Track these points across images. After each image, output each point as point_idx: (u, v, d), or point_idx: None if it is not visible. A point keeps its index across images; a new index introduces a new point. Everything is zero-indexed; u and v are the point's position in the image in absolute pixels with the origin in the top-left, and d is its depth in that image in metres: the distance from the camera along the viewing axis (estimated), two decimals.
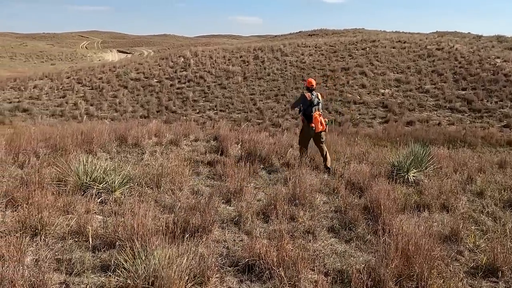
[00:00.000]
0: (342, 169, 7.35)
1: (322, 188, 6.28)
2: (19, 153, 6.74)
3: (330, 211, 5.39)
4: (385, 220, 4.72)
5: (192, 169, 6.75)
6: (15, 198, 4.61)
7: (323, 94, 20.65)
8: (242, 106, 23.76)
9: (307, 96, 7.44)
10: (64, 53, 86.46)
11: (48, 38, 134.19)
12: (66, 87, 27.78)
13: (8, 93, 26.97)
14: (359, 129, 19.64)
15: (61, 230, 4.05)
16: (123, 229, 3.97)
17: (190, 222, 4.23)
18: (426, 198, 5.87)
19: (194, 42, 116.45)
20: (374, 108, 22.60)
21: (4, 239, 3.66)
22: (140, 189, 5.52)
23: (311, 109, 7.40)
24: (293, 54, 31.42)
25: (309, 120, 7.45)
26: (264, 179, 6.72)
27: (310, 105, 7.41)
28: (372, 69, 27.47)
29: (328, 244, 4.41)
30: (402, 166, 7.00)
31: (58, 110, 23.83)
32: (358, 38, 36.38)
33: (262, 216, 4.99)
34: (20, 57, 75.77)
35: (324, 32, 64.25)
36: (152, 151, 7.76)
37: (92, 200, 4.83)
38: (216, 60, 30.75)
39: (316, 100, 7.46)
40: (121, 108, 24.07)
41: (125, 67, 31.31)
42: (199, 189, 5.90)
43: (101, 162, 5.97)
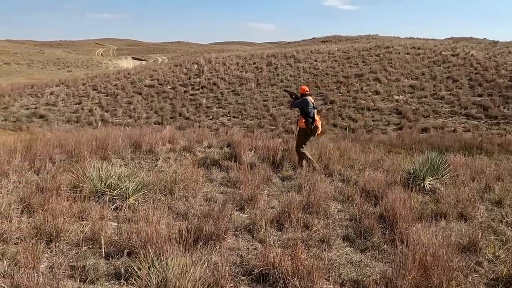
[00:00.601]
0: (356, 177, 7.27)
1: (336, 195, 6.21)
2: (35, 159, 6.81)
3: (345, 219, 5.32)
4: (402, 229, 4.64)
5: (205, 175, 6.74)
6: (31, 204, 4.65)
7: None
8: (255, 112, 23.77)
9: (309, 99, 7.81)
10: (80, 60, 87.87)
11: (65, 45, 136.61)
12: (82, 93, 28.16)
13: (25, 99, 27.46)
14: (373, 136, 19.46)
15: (76, 237, 4.07)
16: (137, 236, 3.97)
17: (203, 230, 4.21)
18: (443, 207, 5.76)
19: (208, 49, 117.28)
20: (388, 114, 22.39)
21: (20, 245, 3.69)
22: (154, 195, 5.53)
23: (313, 112, 7.81)
24: (306, 61, 31.39)
25: (312, 121, 7.79)
26: (277, 186, 6.68)
27: (313, 108, 7.83)
28: (386, 75, 27.27)
29: (343, 253, 4.34)
30: (418, 173, 6.89)
31: (73, 116, 24.16)
32: (372, 45, 36.22)
33: (276, 224, 4.94)
34: (37, 64, 77.22)
35: (338, 39, 64.15)
36: (166, 157, 7.78)
37: (106, 207, 4.85)
38: (229, 67, 30.88)
39: (314, 103, 7.94)
40: (135, 115, 24.29)
41: (139, 74, 31.64)
42: (213, 196, 5.89)
43: (116, 169, 6.01)
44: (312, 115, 7.79)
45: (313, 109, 7.83)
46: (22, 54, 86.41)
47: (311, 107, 7.79)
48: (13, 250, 3.68)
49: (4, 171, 5.92)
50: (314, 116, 7.81)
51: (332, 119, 22.31)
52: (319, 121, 7.89)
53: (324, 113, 22.93)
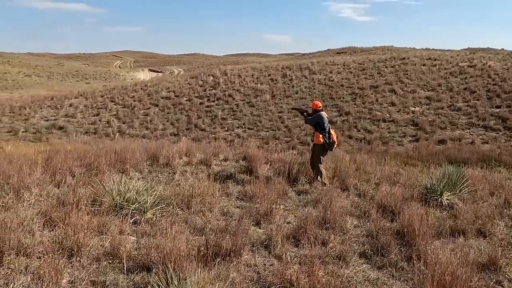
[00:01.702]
0: (373, 191, 7.23)
1: (352, 210, 6.19)
2: (55, 172, 6.96)
3: (361, 235, 5.30)
4: (419, 246, 4.60)
5: (222, 189, 6.80)
6: (52, 218, 4.76)
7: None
8: (270, 124, 23.84)
9: (323, 115, 7.90)
10: (98, 72, 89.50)
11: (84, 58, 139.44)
12: (100, 105, 28.67)
13: (45, 111, 28.05)
14: (389, 148, 19.31)
15: (96, 251, 4.15)
16: (156, 251, 4.02)
17: (221, 246, 4.24)
18: (461, 223, 5.68)
19: (223, 60, 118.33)
20: (404, 126, 22.22)
21: (43, 259, 3.78)
22: (171, 210, 5.60)
23: (328, 127, 7.88)
24: (321, 72, 31.43)
25: (329, 137, 7.81)
26: (293, 201, 6.69)
27: (329, 122, 7.94)
28: (401, 86, 27.11)
29: (360, 270, 4.33)
30: (435, 188, 6.83)
31: (92, 128, 24.58)
32: (387, 56, 36.10)
33: (292, 240, 4.95)
34: (57, 76, 78.91)
35: (353, 50, 64.08)
36: (183, 170, 7.87)
37: (125, 221, 4.93)
38: (244, 79, 31.10)
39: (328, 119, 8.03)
40: (151, 126, 24.60)
41: (156, 86, 32.07)
42: (229, 210, 5.93)
43: (134, 183, 6.11)
44: (328, 130, 7.83)
45: (328, 124, 7.86)
46: (42, 66, 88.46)
47: (326, 122, 7.84)
48: (36, 264, 3.77)
49: (26, 185, 6.06)
50: (329, 131, 7.84)
51: (348, 130, 22.23)
52: (334, 135, 7.91)
53: (339, 124, 22.87)
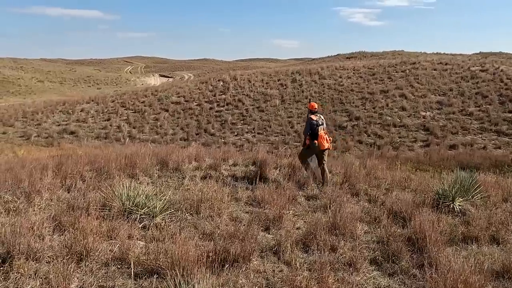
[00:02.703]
0: (383, 197, 7.16)
1: (363, 216, 6.12)
2: (66, 177, 7.01)
3: (371, 241, 5.23)
4: (431, 253, 4.53)
5: (231, 194, 6.78)
6: (62, 222, 4.78)
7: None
8: (279, 129, 23.83)
9: (313, 118, 8.16)
10: (109, 77, 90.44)
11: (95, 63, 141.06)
12: (110, 110, 28.92)
13: (57, 116, 28.38)
14: (399, 153, 19.16)
15: (105, 256, 4.15)
16: (164, 256, 4.01)
17: (229, 251, 4.22)
18: (474, 230, 5.58)
19: (233, 66, 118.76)
20: (414, 131, 22.05)
21: (52, 264, 3.79)
22: (180, 215, 5.59)
23: (317, 129, 8.08)
24: (331, 77, 31.36)
25: (315, 138, 8.06)
26: (303, 206, 6.64)
27: (316, 125, 8.10)
28: (412, 91, 26.93)
29: (371, 277, 4.26)
30: (447, 194, 6.73)
31: (102, 133, 24.80)
32: (398, 60, 35.89)
33: (301, 246, 4.90)
34: (69, 82, 79.92)
35: (363, 55, 63.93)
36: (192, 175, 7.87)
37: (134, 226, 4.93)
38: (254, 84, 31.15)
39: (320, 120, 8.20)
40: (162, 131, 24.74)
41: (166, 91, 32.27)
42: (238, 215, 5.90)
43: (143, 187, 6.13)
44: (315, 132, 8.09)
45: (317, 126, 8.10)
46: (54, 72, 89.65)
47: (314, 125, 8.10)
48: (45, 269, 3.79)
49: (37, 189, 6.11)
50: (317, 134, 8.07)
51: (358, 135, 22.13)
52: (323, 137, 8.07)
53: (349, 129, 22.78)
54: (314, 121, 8.12)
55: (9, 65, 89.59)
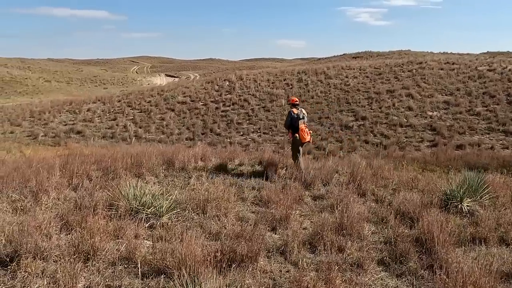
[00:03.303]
0: (390, 197, 7.11)
1: (370, 217, 6.08)
2: (73, 176, 7.03)
3: (379, 242, 5.19)
4: (439, 254, 4.48)
5: (237, 194, 6.76)
6: (69, 221, 4.79)
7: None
8: (285, 128, 23.76)
9: (293, 111, 8.44)
10: (116, 77, 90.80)
11: (102, 63, 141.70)
12: (117, 110, 29.02)
13: (64, 116, 28.53)
14: (406, 153, 19.04)
15: (112, 255, 4.15)
16: (171, 255, 4.00)
17: (236, 251, 4.20)
18: (482, 231, 5.52)
19: (239, 65, 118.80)
20: (421, 131, 21.91)
21: (59, 263, 3.79)
22: (187, 214, 5.58)
23: (298, 122, 8.37)
24: (337, 77, 31.26)
25: (296, 131, 8.40)
26: (309, 206, 6.61)
27: (297, 119, 8.37)
28: (419, 91, 26.76)
29: (378, 278, 4.23)
30: (455, 195, 6.67)
31: (109, 132, 24.89)
32: (404, 60, 35.72)
33: (308, 246, 4.88)
34: (76, 81, 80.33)
35: (369, 54, 63.68)
36: (198, 175, 7.87)
37: (141, 225, 4.93)
38: (260, 84, 31.13)
39: (301, 114, 8.51)
40: (168, 131, 24.78)
41: (172, 90, 32.33)
42: (244, 215, 5.89)
43: (150, 187, 6.13)
44: (296, 126, 8.39)
45: (298, 120, 8.37)
46: (61, 72, 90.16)
47: (294, 119, 8.40)
48: (53, 268, 3.79)
49: (44, 188, 6.13)
50: (298, 127, 8.36)
51: (364, 135, 22.03)
52: (303, 130, 8.37)
53: (355, 129, 22.69)
54: (294, 115, 8.38)
55: (16, 65, 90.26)
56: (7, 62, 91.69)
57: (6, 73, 74.91)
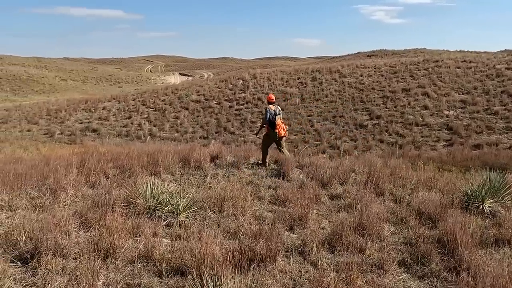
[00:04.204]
0: (409, 197, 6.99)
1: (389, 217, 5.98)
2: (90, 174, 7.07)
3: (399, 242, 5.09)
4: (462, 256, 4.37)
5: (253, 193, 6.72)
6: (88, 219, 4.80)
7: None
8: (299, 127, 23.67)
9: (271, 108, 9.00)
10: (130, 76, 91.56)
11: (117, 62, 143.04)
12: (131, 108, 29.23)
13: (80, 114, 28.84)
14: (422, 152, 18.79)
15: (130, 253, 4.15)
16: (190, 254, 3.98)
17: (255, 251, 4.15)
18: (506, 232, 5.38)
19: (252, 64, 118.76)
20: (437, 130, 21.60)
21: (79, 260, 3.80)
22: (204, 213, 5.56)
23: (275, 118, 8.91)
24: (351, 75, 31.00)
25: (273, 127, 8.92)
26: (326, 206, 6.54)
27: (274, 115, 8.93)
28: (435, 90, 26.38)
29: (400, 280, 4.14)
30: (476, 195, 6.53)
31: (124, 131, 25.09)
32: (420, 58, 35.24)
33: (327, 246, 4.80)
34: (91, 80, 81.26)
35: (384, 53, 63.06)
36: (214, 173, 7.85)
37: (158, 223, 4.93)
38: (274, 82, 31.04)
39: (277, 110, 9.08)
40: (182, 129, 24.88)
41: (186, 89, 32.44)
42: (262, 214, 5.84)
43: (166, 185, 6.13)
44: (273, 121, 8.91)
45: (275, 116, 8.91)
46: (77, 71, 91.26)
47: (271, 115, 8.91)
48: (72, 265, 3.80)
49: (62, 186, 6.17)
50: (275, 123, 8.90)
51: (379, 134, 21.81)
52: (280, 125, 8.95)
53: (370, 128, 22.48)
54: (272, 111, 8.94)
55: (33, 64, 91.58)
56: (25, 61, 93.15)
57: (23, 72, 76.14)
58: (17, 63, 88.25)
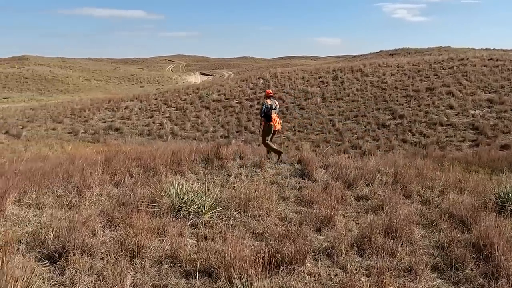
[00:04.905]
0: (438, 199, 6.78)
1: (418, 219, 5.80)
2: (115, 173, 7.10)
3: (430, 246, 4.92)
4: (499, 261, 4.18)
5: (278, 193, 6.64)
6: (114, 218, 4.80)
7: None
8: (320, 127, 23.47)
9: (267, 102, 9.15)
10: (152, 76, 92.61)
11: (139, 62, 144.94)
12: (153, 108, 29.50)
13: (103, 113, 29.27)
14: (447, 153, 18.34)
15: (157, 254, 4.11)
16: (216, 255, 3.92)
17: (282, 253, 4.06)
18: None
19: (273, 63, 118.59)
20: (463, 130, 21.08)
21: (106, 260, 3.78)
22: (229, 213, 5.50)
23: (270, 112, 9.10)
24: (373, 74, 30.55)
25: (269, 120, 9.10)
26: (353, 207, 6.39)
27: (270, 109, 9.10)
28: (460, 88, 25.74)
29: (434, 285, 3.98)
30: (510, 197, 6.28)
31: (146, 130, 25.33)
32: (444, 57, 34.44)
33: (356, 249, 4.67)
34: (114, 80, 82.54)
35: (407, 51, 62.00)
36: (238, 173, 7.79)
37: (183, 223, 4.89)
38: (295, 81, 30.85)
39: (274, 105, 9.23)
40: (203, 128, 24.97)
41: (207, 89, 32.56)
42: (287, 215, 5.74)
43: (190, 184, 6.10)
44: (269, 115, 9.09)
45: (271, 109, 9.09)
46: (100, 71, 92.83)
47: (267, 108, 9.09)
48: (100, 265, 3.78)
49: (88, 184, 6.20)
50: (271, 116, 9.08)
51: (402, 134, 21.43)
52: (275, 119, 9.17)
53: (392, 128, 22.10)
54: (268, 105, 9.12)
55: (58, 65, 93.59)
56: (50, 62, 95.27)
57: (49, 72, 77.90)
58: (43, 63, 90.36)
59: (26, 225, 4.57)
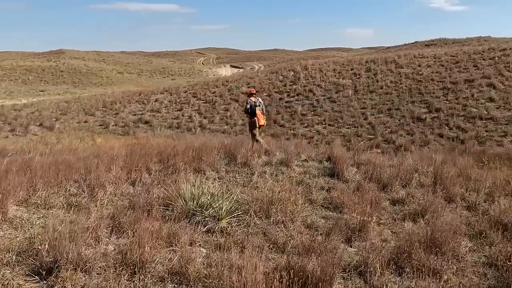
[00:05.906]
0: (485, 204, 6.02)
1: (463, 228, 5.09)
2: (132, 170, 6.71)
3: (480, 263, 4.24)
4: None
5: (304, 195, 6.06)
6: (121, 223, 4.36)
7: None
8: (352, 120, 22.62)
9: (251, 100, 10.08)
10: (183, 69, 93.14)
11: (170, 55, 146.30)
12: (183, 100, 29.33)
13: (133, 106, 29.35)
14: (486, 148, 17.17)
15: (162, 268, 3.62)
16: (229, 271, 3.41)
17: (306, 271, 3.50)
18: None
19: (304, 55, 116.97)
20: (504, 124, 19.74)
21: (103, 276, 3.32)
22: (248, 218, 4.97)
23: (255, 109, 10.00)
24: (408, 66, 29.23)
25: (253, 116, 10.00)
26: (388, 212, 5.74)
27: (254, 106, 10.00)
28: (502, 80, 24.17)
29: None
30: None
31: (175, 123, 25.17)
32: (485, 47, 32.58)
33: (393, 267, 4.03)
34: (146, 73, 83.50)
35: (443, 42, 59.49)
36: (262, 171, 7.25)
37: (197, 230, 4.40)
38: (326, 74, 29.95)
39: (257, 102, 10.14)
40: (231, 121, 24.57)
41: (236, 81, 32.13)
42: (313, 221, 5.17)
43: (209, 184, 5.62)
44: (253, 111, 9.98)
45: (255, 107, 9.97)
46: (133, 64, 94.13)
47: (252, 106, 9.98)
48: (95, 282, 3.32)
49: (101, 183, 5.83)
50: (255, 112, 9.96)
51: (438, 128, 20.33)
52: (259, 115, 10.01)
53: (428, 122, 21.01)
54: (252, 103, 10.01)
55: (93, 58, 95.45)
56: (85, 55, 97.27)
57: (83, 65, 79.55)
58: (77, 57, 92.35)
59: (27, 230, 4.15)
